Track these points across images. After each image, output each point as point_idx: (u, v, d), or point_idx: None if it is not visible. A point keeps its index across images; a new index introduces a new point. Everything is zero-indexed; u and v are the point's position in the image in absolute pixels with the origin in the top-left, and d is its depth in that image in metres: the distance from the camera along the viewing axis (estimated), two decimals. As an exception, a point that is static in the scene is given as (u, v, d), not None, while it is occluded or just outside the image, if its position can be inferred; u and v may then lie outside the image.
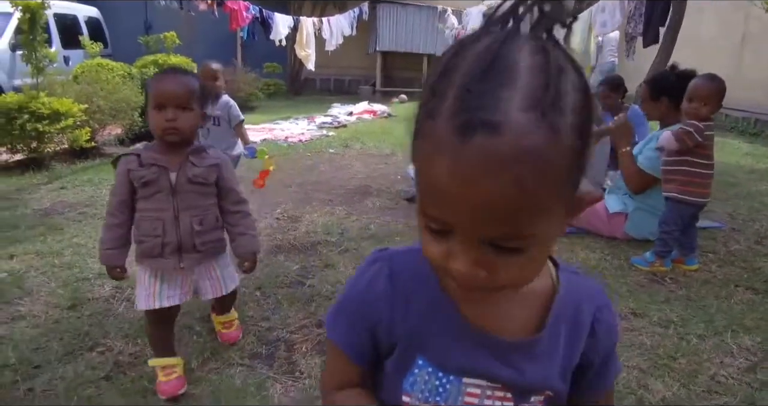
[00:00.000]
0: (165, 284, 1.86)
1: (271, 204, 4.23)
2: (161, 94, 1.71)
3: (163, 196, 1.77)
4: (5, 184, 4.73)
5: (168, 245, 1.80)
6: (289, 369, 2.11)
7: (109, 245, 1.81)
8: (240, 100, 9.90)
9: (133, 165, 1.76)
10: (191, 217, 1.81)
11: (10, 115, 5.14)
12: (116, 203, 1.79)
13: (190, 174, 1.79)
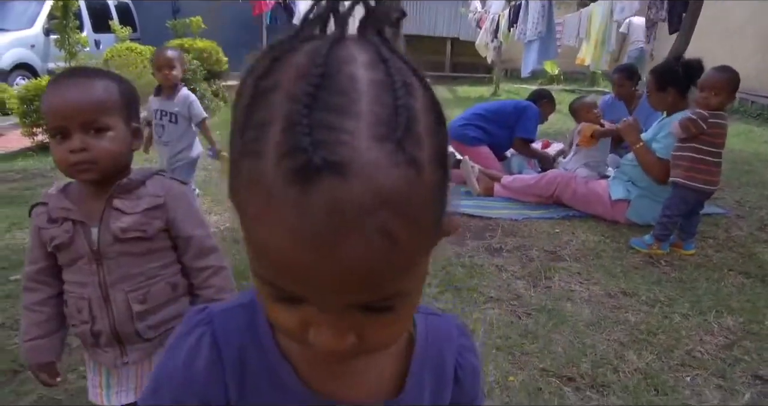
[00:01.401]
0: (112, 377, 1.30)
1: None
2: (60, 114, 1.11)
3: (84, 264, 1.20)
4: (42, 163, 5.06)
5: (100, 334, 1.23)
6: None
7: (30, 335, 1.24)
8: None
9: (41, 220, 1.20)
10: (127, 293, 1.22)
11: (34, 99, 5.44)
12: (33, 272, 1.24)
13: (116, 228, 1.18)
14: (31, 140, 5.60)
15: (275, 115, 0.38)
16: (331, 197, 0.36)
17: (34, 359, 1.25)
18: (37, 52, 9.03)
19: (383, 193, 0.37)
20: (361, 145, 0.36)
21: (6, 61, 8.39)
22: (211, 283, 1.29)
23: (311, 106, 0.37)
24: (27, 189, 4.26)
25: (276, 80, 0.40)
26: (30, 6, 9.62)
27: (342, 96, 0.37)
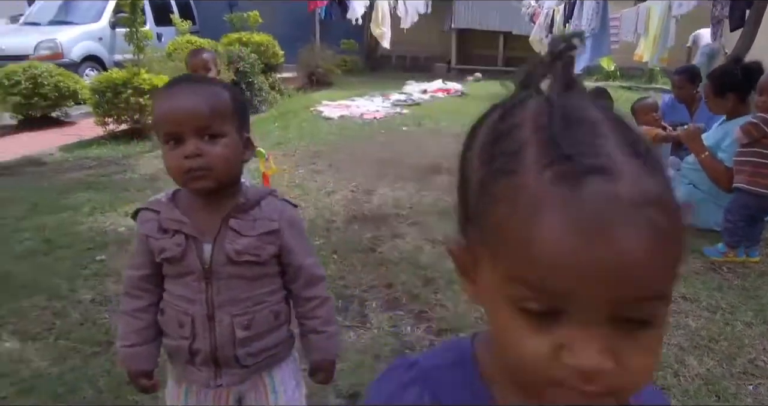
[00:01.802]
0: (192, 392, 1.27)
1: (347, 177, 4.57)
2: (174, 119, 1.11)
3: (193, 281, 1.18)
4: (114, 151, 5.35)
5: (198, 353, 1.20)
6: (361, 321, 2.45)
7: (130, 341, 1.23)
8: (318, 76, 10.38)
9: (150, 228, 1.17)
10: (233, 316, 1.19)
11: (117, 90, 5.76)
12: (136, 279, 1.23)
13: (231, 249, 1.16)
14: (104, 129, 5.93)
15: (526, 141, 0.43)
16: (603, 192, 0.40)
17: (133, 366, 1.24)
18: (105, 44, 9.45)
19: (649, 193, 0.41)
20: (617, 157, 0.41)
21: (76, 53, 8.81)
22: (317, 314, 1.27)
23: (564, 129, 0.42)
24: (103, 176, 4.54)
25: (515, 121, 0.45)
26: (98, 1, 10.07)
27: (584, 125, 0.43)
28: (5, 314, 2.52)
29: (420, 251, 3.14)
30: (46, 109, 6.78)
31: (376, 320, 2.46)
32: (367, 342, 2.29)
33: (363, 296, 2.66)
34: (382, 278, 2.82)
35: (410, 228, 3.49)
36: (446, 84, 10.23)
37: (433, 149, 5.67)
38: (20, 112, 6.68)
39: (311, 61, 10.47)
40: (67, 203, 3.88)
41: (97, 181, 4.40)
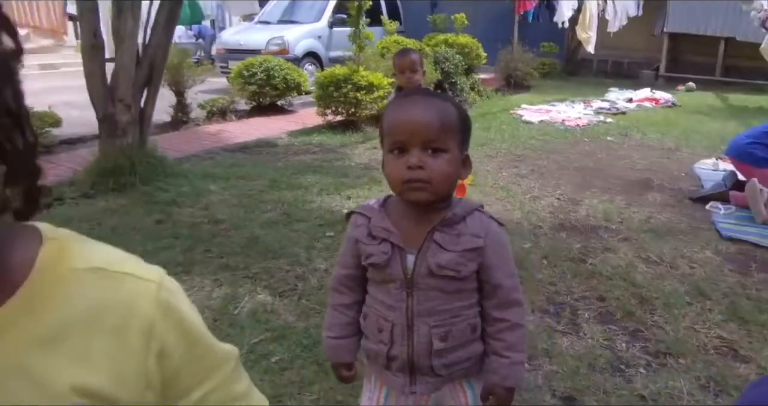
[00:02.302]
0: (392, 395, 1.33)
1: (552, 185, 4.54)
2: (403, 130, 1.15)
3: (395, 289, 1.20)
4: (332, 140, 5.93)
5: (395, 359, 1.23)
6: (573, 328, 2.47)
7: (335, 333, 1.31)
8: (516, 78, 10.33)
9: (361, 233, 1.23)
10: (431, 327, 1.20)
11: (338, 85, 6.35)
12: (342, 277, 1.30)
13: (434, 262, 1.17)
14: (323, 119, 6.60)
15: None
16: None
17: (335, 357, 1.32)
18: (323, 42, 10.40)
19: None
20: None
21: (299, 49, 9.84)
22: (504, 337, 1.23)
23: None
24: (325, 161, 5.08)
25: None
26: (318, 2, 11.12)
27: None
28: (258, 272, 2.99)
29: (634, 269, 3.05)
30: (274, 98, 7.71)
31: (589, 330, 2.46)
32: (582, 350, 2.31)
33: (574, 304, 2.67)
34: (593, 290, 2.79)
35: (621, 244, 3.38)
36: (654, 93, 9.51)
37: (641, 163, 5.38)
38: (253, 100, 7.68)
39: (510, 63, 10.45)
40: (299, 182, 4.44)
41: (321, 165, 4.94)
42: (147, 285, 0.55)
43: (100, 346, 0.52)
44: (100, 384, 0.51)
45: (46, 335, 0.50)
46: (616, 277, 2.93)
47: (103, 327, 0.52)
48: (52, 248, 0.53)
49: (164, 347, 0.55)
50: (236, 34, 10.89)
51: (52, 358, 0.50)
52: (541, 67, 11.53)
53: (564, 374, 2.15)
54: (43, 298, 0.51)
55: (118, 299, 0.53)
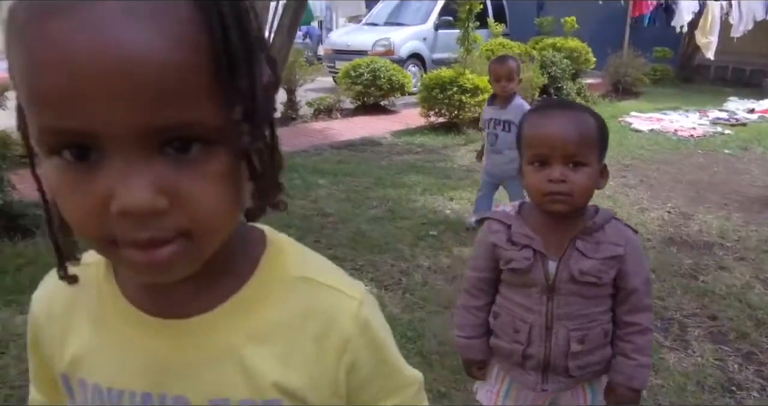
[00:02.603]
0: (512, 391, 1.40)
1: (662, 197, 4.39)
2: (544, 143, 1.18)
3: (535, 293, 1.26)
4: (435, 141, 6.06)
5: (530, 358, 1.29)
6: (682, 345, 2.42)
7: (467, 333, 1.38)
8: (625, 84, 9.92)
9: (499, 239, 1.27)
10: (570, 331, 1.25)
11: (444, 87, 6.45)
12: (476, 279, 1.35)
13: (576, 269, 1.22)
14: (426, 120, 6.73)
15: None
16: None
17: (468, 355, 1.40)
18: (427, 44, 10.54)
19: None
20: None
21: (404, 51, 10.04)
22: (633, 339, 1.27)
23: None
24: (427, 161, 5.21)
25: None
26: (424, 4, 11.26)
27: None
28: (364, 264, 3.16)
29: (750, 289, 2.91)
30: (379, 98, 7.94)
31: (698, 348, 2.40)
32: (690, 368, 2.27)
33: (684, 321, 2.61)
34: (705, 309, 2.71)
35: (737, 263, 3.23)
36: (781, 104, 8.79)
37: (763, 179, 5.04)
38: (358, 99, 7.96)
39: (619, 68, 10.04)
40: (403, 180, 4.59)
41: (423, 165, 5.07)
42: (350, 301, 0.57)
43: (301, 350, 0.54)
44: (297, 385, 0.54)
45: (260, 333, 0.54)
46: (731, 297, 2.82)
47: (306, 334, 0.55)
48: (273, 252, 0.56)
49: (356, 361, 0.56)
50: (344, 35, 11.28)
51: (261, 354, 0.54)
52: (652, 73, 10.98)
53: (670, 389, 2.13)
54: (261, 298, 0.54)
55: (323, 309, 0.56)
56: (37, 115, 0.40)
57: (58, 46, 0.37)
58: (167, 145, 0.41)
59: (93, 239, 0.43)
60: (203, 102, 0.41)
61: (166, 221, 0.41)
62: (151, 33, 0.38)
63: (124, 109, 0.38)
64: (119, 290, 0.55)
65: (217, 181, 0.43)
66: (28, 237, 3.25)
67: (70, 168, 0.41)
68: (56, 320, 0.58)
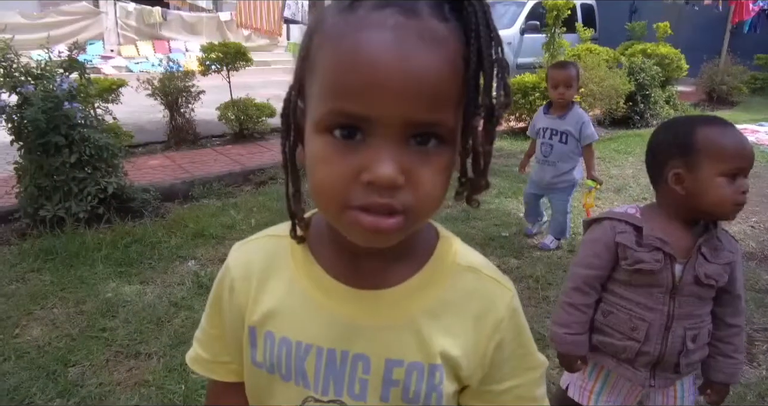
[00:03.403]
0: (606, 387, 1.49)
1: (747, 211, 4.26)
2: (746, 156, 1.25)
3: (659, 293, 1.34)
4: (512, 146, 6.14)
5: (644, 355, 1.37)
6: (748, 358, 2.43)
7: (574, 329, 1.42)
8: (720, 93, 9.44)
9: (628, 239, 1.34)
10: (686, 329, 1.34)
11: (526, 92, 6.49)
12: (589, 277, 1.40)
13: (701, 272, 1.30)
14: (505, 125, 6.80)
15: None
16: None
17: (573, 351, 1.43)
18: (512, 48, 10.50)
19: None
20: None
21: (489, 55, 10.05)
22: (734, 341, 1.39)
23: None
24: (505, 166, 5.30)
25: None
26: (511, 8, 11.21)
27: None
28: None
29: (832, 309, 2.83)
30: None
31: (764, 361, 2.41)
32: (753, 379, 2.29)
33: (753, 334, 2.60)
34: (777, 324, 2.68)
35: (822, 282, 3.13)
36: None
37: None
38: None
39: (715, 76, 9.57)
40: (479, 183, 4.71)
41: (501, 169, 5.17)
42: (505, 291, 0.67)
43: (462, 325, 0.64)
44: (457, 354, 0.64)
45: (434, 308, 0.64)
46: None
47: (468, 312, 0.65)
48: (444, 243, 0.67)
49: (503, 340, 0.66)
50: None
51: (433, 326, 0.63)
52: (752, 81, 10.38)
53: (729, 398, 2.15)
54: (436, 279, 0.65)
55: (484, 295, 0.66)
56: (332, 100, 0.52)
57: (369, 52, 0.50)
58: (413, 138, 0.52)
59: (332, 201, 0.54)
60: (451, 110, 0.53)
61: (399, 195, 0.52)
62: (431, 52, 0.50)
63: (400, 104, 0.50)
64: (314, 259, 0.66)
65: (440, 172, 0.54)
66: (136, 218, 3.71)
67: (337, 143, 0.53)
68: (252, 280, 0.68)
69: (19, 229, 3.45)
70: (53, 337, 2.42)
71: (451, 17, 0.52)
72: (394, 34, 0.50)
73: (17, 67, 3.41)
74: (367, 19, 0.51)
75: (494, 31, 0.53)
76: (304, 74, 0.57)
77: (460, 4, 0.53)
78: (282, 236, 0.68)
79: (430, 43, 0.50)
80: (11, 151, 3.58)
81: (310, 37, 0.56)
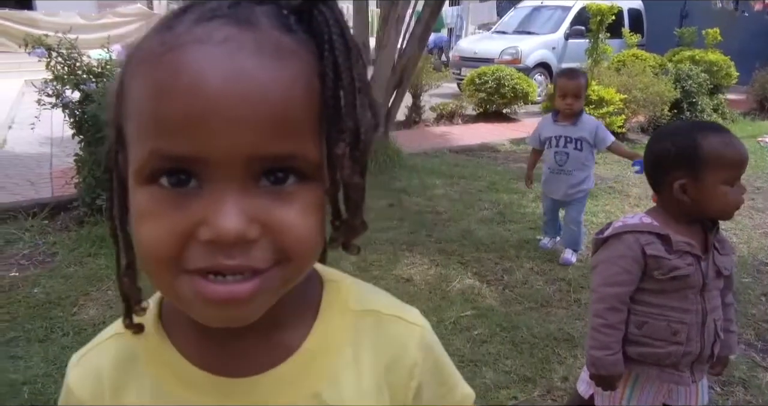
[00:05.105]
0: (637, 391, 1.50)
1: None
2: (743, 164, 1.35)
3: (692, 294, 1.38)
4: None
5: (688, 355, 1.39)
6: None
7: (614, 349, 1.41)
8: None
9: (658, 249, 1.35)
10: (715, 321, 1.41)
11: (569, 97, 6.46)
12: (624, 294, 1.40)
13: (722, 266, 1.39)
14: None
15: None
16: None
17: (616, 370, 1.41)
18: (556, 53, 10.44)
19: None
20: None
21: (531, 60, 10.04)
22: (730, 316, 1.49)
23: None
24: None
25: None
26: (556, 13, 11.12)
27: None
28: (470, 260, 3.40)
29: None
30: (501, 106, 8.08)
31: None
32: None
33: None
34: (815, 335, 2.65)
35: None
36: None
37: None
38: (480, 106, 8.15)
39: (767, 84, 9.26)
40: (516, 187, 4.76)
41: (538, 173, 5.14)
42: (413, 329, 0.57)
43: (374, 382, 0.54)
44: None
45: (336, 374, 0.53)
46: None
47: (378, 366, 0.54)
48: (331, 289, 0.55)
49: (420, 384, 0.57)
50: (472, 43, 11.48)
51: (342, 393, 0.52)
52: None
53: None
54: (331, 340, 0.53)
55: (390, 340, 0.56)
56: (151, 140, 0.40)
57: (189, 72, 0.39)
58: (264, 177, 0.41)
59: (161, 265, 0.41)
60: (308, 137, 0.42)
61: (256, 251, 0.41)
62: (274, 69, 0.40)
63: (238, 135, 0.39)
64: (174, 348, 0.52)
65: (308, 212, 0.43)
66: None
67: (163, 194, 0.41)
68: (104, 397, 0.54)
69: (77, 217, 3.68)
70: (108, 316, 2.60)
71: (298, 29, 0.43)
72: (223, 48, 0.39)
73: (80, 65, 3.66)
74: (189, 35, 0.40)
75: (351, 40, 0.44)
76: (120, 114, 0.45)
77: (308, 14, 0.44)
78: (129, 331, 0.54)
79: (273, 57, 0.40)
80: (72, 144, 3.83)
81: (123, 67, 0.45)
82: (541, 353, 2.46)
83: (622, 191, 4.72)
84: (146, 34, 0.44)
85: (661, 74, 7.58)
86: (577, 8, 10.52)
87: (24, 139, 5.62)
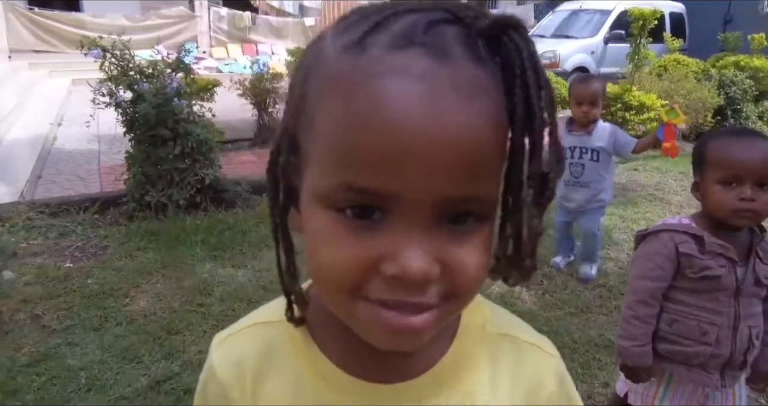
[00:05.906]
0: (670, 391, 1.53)
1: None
2: (741, 166, 1.33)
3: (724, 297, 1.40)
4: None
5: (716, 357, 1.41)
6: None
7: (641, 341, 1.46)
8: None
9: (691, 248, 1.40)
10: (751, 328, 1.42)
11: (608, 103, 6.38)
12: (656, 289, 1.45)
13: (761, 273, 1.39)
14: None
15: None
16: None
17: (641, 362, 1.46)
18: (595, 58, 10.31)
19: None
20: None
21: (570, 64, 9.92)
22: None
23: None
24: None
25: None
26: (595, 17, 10.99)
27: None
28: (508, 264, 3.40)
29: None
30: (539, 110, 7.99)
31: None
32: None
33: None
34: None
35: None
36: None
37: None
38: (516, 110, 8.07)
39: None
40: (553, 192, 4.73)
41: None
42: (549, 359, 0.57)
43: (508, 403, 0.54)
44: None
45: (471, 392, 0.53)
46: None
47: (515, 389, 0.55)
48: (469, 311, 0.54)
49: None
50: (509, 47, 11.36)
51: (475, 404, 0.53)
52: None
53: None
54: (468, 357, 0.54)
55: (529, 368, 0.56)
56: (343, 171, 0.39)
57: (390, 108, 0.37)
58: (446, 216, 0.41)
59: (340, 289, 0.42)
60: (494, 179, 0.42)
61: (432, 288, 0.41)
62: (470, 109, 0.38)
63: (433, 177, 0.38)
64: (318, 348, 0.53)
65: (481, 251, 0.43)
66: (229, 208, 4.01)
67: (347, 222, 0.41)
68: (245, 383, 0.55)
69: (126, 212, 3.81)
70: (157, 308, 2.70)
71: (488, 58, 0.40)
72: (423, 85, 0.38)
73: (132, 66, 3.80)
74: (387, 63, 0.38)
75: (543, 76, 0.41)
76: (299, 127, 0.45)
77: (496, 40, 0.41)
78: (275, 321, 0.56)
79: (468, 96, 0.39)
80: (123, 141, 3.98)
81: (305, 79, 0.44)
82: (582, 358, 2.46)
83: (663, 199, 4.65)
84: (327, 43, 0.43)
85: (703, 80, 7.42)
86: (617, 12, 10.38)
87: (73, 137, 5.84)
